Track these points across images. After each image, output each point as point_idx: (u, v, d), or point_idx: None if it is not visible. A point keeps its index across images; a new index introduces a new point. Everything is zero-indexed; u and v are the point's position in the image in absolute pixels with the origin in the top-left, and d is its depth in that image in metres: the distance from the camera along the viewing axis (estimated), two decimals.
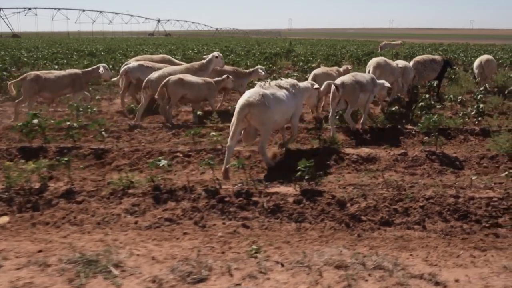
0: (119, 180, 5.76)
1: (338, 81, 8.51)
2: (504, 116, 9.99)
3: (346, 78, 8.61)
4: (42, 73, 10.22)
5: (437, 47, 42.17)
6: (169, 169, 6.72)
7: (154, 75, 9.91)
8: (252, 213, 5.19)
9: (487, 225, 4.93)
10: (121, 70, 11.22)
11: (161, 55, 13.76)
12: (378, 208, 5.19)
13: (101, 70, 10.69)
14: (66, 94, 10.59)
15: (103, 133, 7.77)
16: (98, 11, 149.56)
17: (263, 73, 11.43)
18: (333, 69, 11.36)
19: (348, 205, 5.27)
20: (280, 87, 7.08)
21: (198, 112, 9.35)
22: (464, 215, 5.07)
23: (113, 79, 11.93)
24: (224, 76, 10.05)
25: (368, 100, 8.97)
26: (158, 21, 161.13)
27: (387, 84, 9.45)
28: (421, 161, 6.92)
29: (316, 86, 8.05)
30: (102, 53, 28.71)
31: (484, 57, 14.19)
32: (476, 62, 14.07)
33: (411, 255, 4.23)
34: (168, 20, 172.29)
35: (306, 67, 17.82)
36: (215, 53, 10.94)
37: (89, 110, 9.44)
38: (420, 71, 12.80)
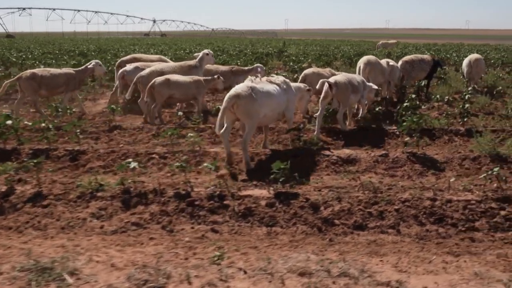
0: (88, 183, 5.58)
1: (331, 80, 8.52)
2: (490, 117, 9.86)
3: (339, 77, 8.64)
4: (37, 70, 10.20)
5: (431, 47, 42.13)
6: (144, 171, 6.58)
7: (146, 71, 9.98)
8: (223, 217, 5.03)
9: (463, 229, 4.78)
10: (118, 73, 11.20)
11: (157, 56, 13.74)
12: (352, 211, 5.04)
13: (92, 65, 10.72)
14: (62, 92, 10.53)
15: (79, 134, 7.57)
16: (93, 11, 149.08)
17: (261, 71, 11.51)
18: (325, 70, 11.24)
19: (322, 208, 5.12)
20: (271, 82, 7.15)
21: (180, 113, 9.17)
22: (440, 219, 4.92)
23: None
24: (215, 76, 9.91)
25: (361, 102, 8.95)
26: (154, 21, 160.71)
27: (375, 87, 9.46)
28: (402, 163, 6.77)
29: (308, 87, 8.00)
30: (93, 53, 28.50)
31: (473, 56, 14.07)
32: (465, 61, 13.94)
33: (381, 260, 4.08)
34: (164, 21, 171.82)
35: (296, 67, 17.66)
36: (206, 51, 10.94)
37: (69, 111, 9.25)
38: (408, 71, 12.68)
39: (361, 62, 11.24)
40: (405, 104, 9.04)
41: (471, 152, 7.13)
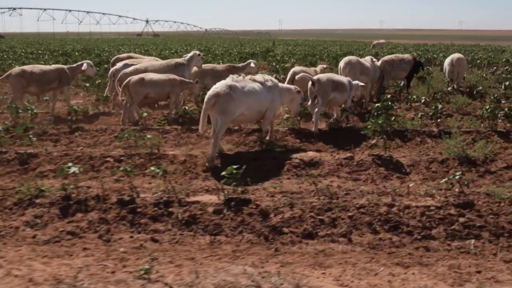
0: (27, 189, 5.26)
1: (316, 77, 8.55)
2: (467, 117, 9.58)
3: (323, 75, 8.75)
4: (27, 67, 9.99)
5: (420, 47, 41.97)
6: (96, 175, 6.28)
7: (129, 69, 9.82)
8: (165, 225, 4.72)
9: (419, 237, 4.49)
10: (109, 72, 11.04)
11: (153, 57, 13.51)
12: (303, 218, 4.74)
13: (84, 66, 10.54)
14: (53, 89, 10.27)
15: (32, 136, 7.22)
16: (85, 12, 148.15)
17: (254, 66, 11.66)
18: (311, 70, 11.14)
19: (272, 215, 4.82)
20: (254, 80, 7.05)
21: (144, 114, 8.83)
22: (396, 226, 4.63)
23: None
24: (194, 80, 9.64)
25: (347, 103, 8.78)
26: (147, 21, 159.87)
27: (361, 84, 9.33)
28: (366, 166, 6.48)
29: (298, 89, 7.78)
30: (77, 53, 28.08)
31: (455, 55, 13.85)
32: (447, 61, 13.72)
33: (323, 273, 3.78)
34: (157, 21, 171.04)
35: (278, 67, 17.36)
36: (196, 52, 10.68)
37: (29, 111, 8.89)
38: (387, 71, 12.43)
39: (341, 63, 11.21)
40: (376, 105, 8.75)
41: (439, 155, 6.86)
